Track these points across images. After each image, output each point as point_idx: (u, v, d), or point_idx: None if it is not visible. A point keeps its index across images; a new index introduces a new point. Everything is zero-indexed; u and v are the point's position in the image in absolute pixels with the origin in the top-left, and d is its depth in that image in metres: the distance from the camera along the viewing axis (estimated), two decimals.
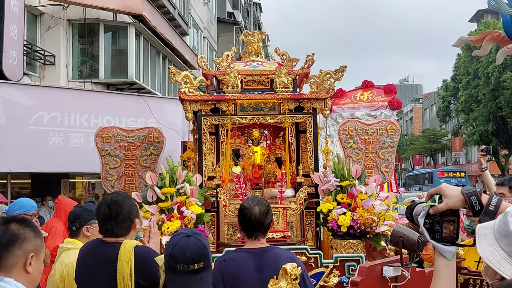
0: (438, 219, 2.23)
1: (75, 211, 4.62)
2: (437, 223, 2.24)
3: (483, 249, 1.91)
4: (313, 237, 6.05)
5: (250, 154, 6.62)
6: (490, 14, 50.89)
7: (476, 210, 2.13)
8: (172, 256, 2.79)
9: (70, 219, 4.53)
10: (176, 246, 2.82)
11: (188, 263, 2.75)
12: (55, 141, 12.06)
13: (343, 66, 6.15)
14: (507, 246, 1.85)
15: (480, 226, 2.01)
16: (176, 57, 21.59)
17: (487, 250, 1.90)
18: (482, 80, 34.95)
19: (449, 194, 2.21)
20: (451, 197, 2.20)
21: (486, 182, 6.09)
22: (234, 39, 34.96)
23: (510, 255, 1.84)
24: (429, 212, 2.25)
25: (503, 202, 2.13)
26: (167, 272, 2.81)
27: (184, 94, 5.90)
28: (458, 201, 2.18)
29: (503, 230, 1.88)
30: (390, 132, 6.43)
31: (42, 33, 15.51)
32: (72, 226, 4.47)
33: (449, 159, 64.48)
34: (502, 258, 1.85)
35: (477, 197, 2.15)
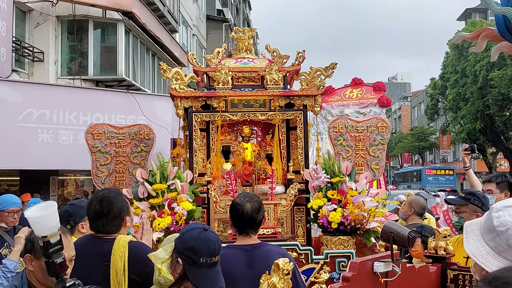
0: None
1: (67, 209, 4.53)
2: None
3: (470, 245, 1.98)
4: (303, 234, 6.07)
5: (240, 151, 6.63)
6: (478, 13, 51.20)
7: None
8: (196, 249, 2.82)
9: (63, 217, 4.42)
10: (199, 240, 2.85)
11: (211, 255, 2.82)
12: (44, 138, 11.98)
13: (333, 63, 6.16)
14: (492, 241, 1.91)
15: (468, 223, 2.08)
16: (166, 54, 21.54)
17: (473, 246, 1.96)
18: (470, 78, 35.14)
19: None
20: None
21: (470, 181, 6.15)
22: (224, 36, 34.93)
23: (494, 250, 1.89)
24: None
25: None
26: (188, 266, 2.81)
27: (175, 90, 5.89)
28: None
29: (488, 226, 1.93)
30: (380, 129, 6.45)
31: (31, 30, 15.41)
32: (66, 224, 4.33)
33: (437, 157, 64.76)
34: (487, 253, 1.90)
35: None
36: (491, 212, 1.96)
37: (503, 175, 5.47)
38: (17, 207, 6.33)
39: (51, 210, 2.78)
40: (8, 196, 6.52)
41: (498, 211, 1.93)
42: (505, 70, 30.75)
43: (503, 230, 1.88)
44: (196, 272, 2.82)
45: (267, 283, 2.95)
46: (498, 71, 31.43)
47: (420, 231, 5.50)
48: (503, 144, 37.11)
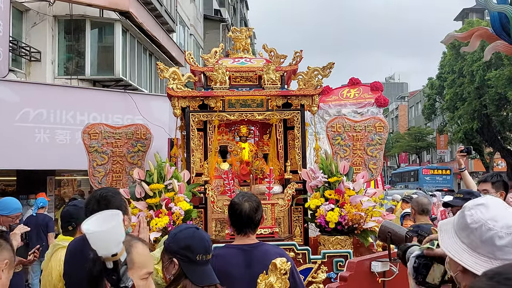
0: (427, 262, 2.30)
1: (69, 210, 4.50)
2: (425, 266, 2.30)
3: (445, 243, 2.08)
4: (301, 233, 6.07)
5: (238, 151, 6.62)
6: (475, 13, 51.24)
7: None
8: (193, 247, 2.85)
9: (65, 218, 4.40)
10: (194, 238, 2.89)
11: (207, 253, 2.87)
12: (41, 138, 11.95)
13: (330, 63, 6.17)
14: (466, 238, 2.01)
15: (441, 222, 2.20)
16: (163, 54, 21.51)
17: (448, 244, 2.07)
18: (467, 78, 35.15)
19: None
20: None
21: (465, 182, 6.15)
22: (221, 36, 34.92)
23: (469, 246, 1.99)
24: (423, 254, 2.32)
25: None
26: (185, 264, 2.82)
27: (172, 90, 5.89)
28: None
29: (462, 224, 2.05)
30: (378, 129, 6.46)
31: (27, 29, 15.37)
32: (68, 225, 4.33)
33: (434, 157, 64.80)
34: (462, 249, 2.01)
35: None
36: (464, 211, 2.07)
37: (498, 175, 5.47)
38: (20, 212, 6.35)
39: (118, 219, 2.16)
40: (12, 201, 6.45)
41: (470, 209, 2.04)
42: (502, 70, 30.76)
43: (476, 227, 1.98)
44: (195, 270, 2.83)
45: (264, 283, 2.95)
46: (495, 71, 31.45)
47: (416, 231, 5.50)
48: (500, 144, 37.14)
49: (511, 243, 1.94)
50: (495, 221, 1.97)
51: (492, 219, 1.97)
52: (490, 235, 1.95)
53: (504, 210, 2.03)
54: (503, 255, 1.94)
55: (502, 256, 1.94)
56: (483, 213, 2.00)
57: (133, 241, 2.37)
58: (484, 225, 1.97)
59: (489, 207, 2.02)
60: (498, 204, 2.06)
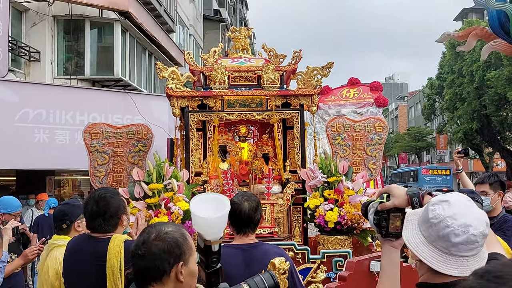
0: (385, 216, 2.42)
1: (62, 209, 4.50)
2: (384, 219, 2.43)
3: (407, 233, 2.21)
4: (300, 233, 6.07)
5: (237, 151, 6.62)
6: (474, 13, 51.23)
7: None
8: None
9: (59, 217, 4.40)
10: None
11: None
12: (40, 138, 11.97)
13: (330, 63, 6.16)
14: (425, 231, 2.14)
15: (409, 212, 2.34)
16: (162, 54, 21.51)
17: (409, 234, 2.20)
18: (467, 78, 35.11)
19: (396, 193, 2.44)
20: (397, 196, 2.42)
21: (462, 183, 6.15)
22: (220, 36, 34.91)
23: (427, 239, 2.12)
24: (377, 209, 2.45)
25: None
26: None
27: (171, 90, 5.88)
28: (403, 200, 2.41)
29: (424, 217, 2.16)
30: (378, 129, 6.45)
31: (27, 29, 15.36)
32: (62, 224, 4.33)
33: (434, 157, 64.79)
34: (421, 242, 2.14)
35: (419, 198, 2.38)
36: (428, 205, 2.18)
37: (494, 175, 5.49)
38: (20, 210, 6.47)
39: (227, 208, 2.65)
40: (12, 199, 6.58)
41: (434, 205, 2.15)
42: (501, 70, 30.73)
43: (436, 222, 2.09)
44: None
45: None
46: (494, 71, 31.41)
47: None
48: (500, 144, 37.11)
49: (466, 241, 2.04)
50: (454, 219, 2.06)
51: (451, 217, 2.07)
52: (447, 232, 2.06)
53: (467, 209, 2.11)
54: (457, 251, 2.06)
55: (456, 252, 2.06)
56: (445, 210, 2.10)
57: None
58: (443, 221, 2.07)
59: (452, 205, 2.11)
60: (462, 202, 2.15)
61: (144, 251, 2.30)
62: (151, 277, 2.31)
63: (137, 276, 2.33)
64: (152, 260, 2.29)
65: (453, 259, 2.07)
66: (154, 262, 2.29)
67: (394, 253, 2.43)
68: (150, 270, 2.30)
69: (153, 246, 2.30)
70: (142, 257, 2.29)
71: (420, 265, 2.19)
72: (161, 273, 2.30)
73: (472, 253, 2.07)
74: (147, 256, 2.29)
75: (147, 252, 2.29)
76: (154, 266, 2.29)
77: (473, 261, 2.08)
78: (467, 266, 2.06)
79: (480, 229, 2.06)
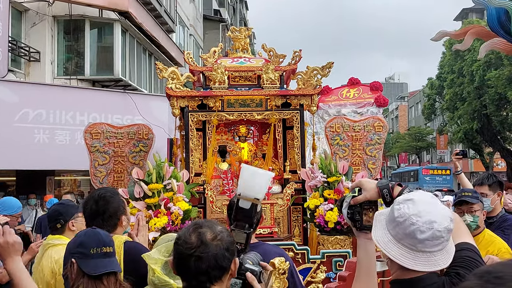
0: (358, 210, 2.49)
1: (56, 209, 4.50)
2: (358, 213, 2.50)
3: (376, 233, 2.27)
4: (300, 233, 6.06)
5: (237, 151, 6.62)
6: (475, 13, 51.21)
7: (387, 202, 2.43)
8: (85, 243, 2.92)
9: (53, 217, 4.39)
10: (86, 235, 2.97)
11: (101, 245, 2.91)
12: (40, 138, 11.97)
13: (330, 63, 6.16)
14: (393, 230, 2.19)
15: (378, 213, 2.37)
16: (162, 54, 21.51)
17: (378, 234, 2.26)
18: (467, 78, 35.10)
19: (367, 187, 2.50)
20: (368, 189, 2.49)
21: (462, 184, 6.16)
22: (220, 36, 34.90)
23: (395, 237, 2.18)
24: (350, 204, 2.51)
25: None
26: (81, 261, 2.88)
27: (171, 90, 5.88)
28: (374, 193, 2.49)
29: (391, 217, 2.22)
30: (377, 129, 6.44)
31: (27, 30, 15.36)
32: (57, 223, 4.32)
33: (434, 157, 64.77)
34: (389, 240, 2.20)
35: (389, 190, 2.45)
36: (394, 204, 2.25)
37: (492, 176, 5.50)
38: (20, 211, 6.51)
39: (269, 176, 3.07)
40: (14, 200, 6.61)
41: (399, 204, 2.21)
42: (502, 70, 30.72)
43: (401, 221, 2.15)
44: (89, 262, 2.87)
45: None
46: (495, 71, 31.40)
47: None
48: (500, 144, 37.09)
49: (432, 237, 2.11)
50: (419, 216, 2.13)
51: (416, 215, 2.13)
52: (413, 229, 2.12)
53: (431, 206, 2.18)
54: (424, 247, 2.12)
55: (423, 248, 2.13)
56: (409, 209, 2.16)
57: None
58: (408, 219, 2.13)
59: (416, 203, 2.17)
60: (426, 200, 2.21)
61: (205, 251, 2.27)
62: (214, 277, 2.29)
63: (196, 278, 2.29)
64: (215, 260, 2.27)
65: (421, 255, 2.14)
66: (217, 262, 2.28)
67: (370, 245, 2.49)
68: (213, 270, 2.28)
69: (212, 246, 2.28)
70: (202, 259, 2.26)
71: (391, 263, 2.25)
72: (223, 271, 2.31)
73: (438, 248, 2.14)
74: (210, 256, 2.27)
75: (210, 253, 2.27)
76: (217, 265, 2.28)
77: (440, 256, 2.15)
78: (435, 261, 2.14)
79: (444, 225, 2.13)
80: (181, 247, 2.31)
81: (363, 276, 2.60)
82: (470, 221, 4.61)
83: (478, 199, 4.72)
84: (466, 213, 4.64)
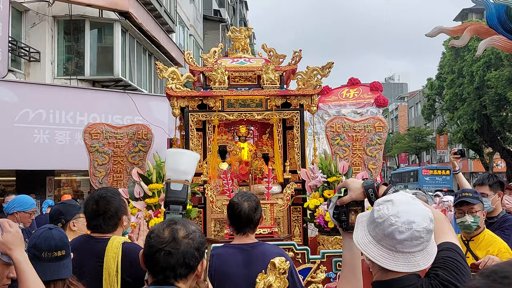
0: (345, 210, 2.53)
1: (58, 208, 4.51)
2: (344, 213, 2.53)
3: (357, 234, 2.28)
4: (300, 233, 6.06)
5: (237, 151, 6.62)
6: (474, 14, 51.22)
7: (372, 202, 2.42)
8: (37, 245, 2.94)
9: (54, 217, 4.41)
10: (40, 237, 2.97)
11: (52, 250, 2.94)
12: (40, 138, 11.98)
13: (330, 63, 6.16)
14: (373, 231, 2.20)
15: (360, 215, 2.38)
16: (162, 54, 21.52)
17: (359, 235, 2.26)
18: (467, 78, 35.11)
19: (353, 187, 2.53)
20: (354, 190, 2.52)
21: (460, 184, 6.17)
22: (220, 37, 34.91)
23: (374, 238, 2.19)
24: (337, 204, 2.54)
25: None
26: (33, 262, 2.88)
27: (171, 90, 5.88)
28: (360, 193, 2.51)
29: (371, 218, 2.23)
30: (378, 129, 6.44)
31: (27, 30, 15.37)
32: (57, 223, 4.33)
33: (434, 157, 64.78)
34: (369, 241, 2.20)
35: (374, 190, 2.48)
36: (374, 206, 2.25)
37: (493, 176, 5.51)
38: (34, 208, 6.53)
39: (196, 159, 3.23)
40: (27, 198, 6.64)
41: (379, 205, 2.22)
42: (501, 70, 30.74)
43: (381, 221, 2.15)
44: (39, 265, 2.87)
45: (263, 282, 2.95)
46: (495, 71, 31.42)
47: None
48: (500, 145, 37.11)
49: (410, 237, 2.10)
50: (398, 217, 2.13)
51: (395, 215, 2.13)
52: (392, 230, 2.12)
53: (410, 206, 2.18)
54: (403, 248, 2.13)
55: (402, 249, 2.13)
56: (389, 209, 2.16)
57: None
58: (387, 220, 2.14)
59: (395, 204, 2.18)
60: (406, 200, 2.21)
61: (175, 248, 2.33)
62: (179, 275, 2.35)
63: (163, 273, 2.34)
64: (183, 258, 2.32)
65: (400, 256, 2.14)
66: (185, 260, 2.33)
67: (355, 246, 2.45)
68: (180, 267, 2.33)
69: (183, 244, 2.34)
70: (171, 254, 2.31)
71: (372, 264, 2.25)
72: (190, 270, 2.36)
73: (418, 249, 2.14)
74: (179, 253, 2.32)
75: (180, 250, 2.32)
76: (185, 263, 2.33)
77: (421, 256, 2.15)
78: (415, 262, 2.14)
79: (423, 225, 2.13)
80: (153, 240, 2.37)
81: (349, 276, 2.61)
82: (471, 222, 4.62)
83: (479, 200, 4.72)
84: (467, 214, 4.64)
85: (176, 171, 3.04)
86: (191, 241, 2.36)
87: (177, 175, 3.01)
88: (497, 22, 5.82)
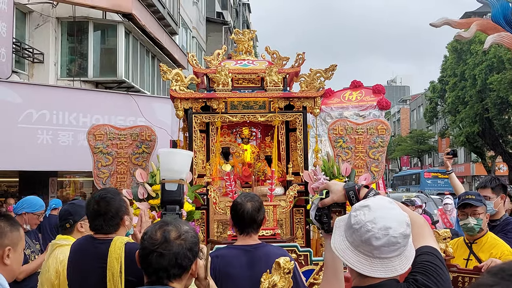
0: (326, 212, 2.53)
1: (66, 208, 4.53)
2: (325, 215, 2.53)
3: (334, 240, 2.27)
4: (302, 235, 6.07)
5: (240, 152, 6.63)
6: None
7: (353, 204, 2.40)
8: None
9: (63, 217, 4.41)
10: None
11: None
12: (43, 139, 11.98)
13: (333, 65, 6.18)
14: (350, 237, 2.19)
15: (338, 219, 2.35)
16: (165, 56, 21.54)
17: (336, 241, 2.25)
18: (469, 82, 35.13)
19: (334, 189, 2.55)
20: (335, 192, 2.53)
21: (453, 184, 6.18)
22: (223, 39, 34.95)
23: (352, 244, 2.18)
24: (318, 206, 2.55)
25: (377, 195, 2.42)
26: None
27: (175, 92, 5.90)
28: (341, 196, 2.52)
29: (348, 223, 2.22)
30: (380, 131, 6.44)
31: (31, 31, 15.41)
32: (66, 223, 4.35)
33: (436, 160, 64.74)
34: (346, 247, 2.20)
35: (355, 192, 2.49)
36: (351, 211, 2.24)
37: (495, 179, 5.51)
38: (43, 210, 6.55)
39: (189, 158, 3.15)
40: (36, 199, 6.66)
41: (356, 210, 2.21)
42: (504, 73, 30.74)
43: (358, 227, 2.15)
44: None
45: (268, 282, 2.97)
46: (497, 74, 31.42)
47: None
48: (502, 148, 37.10)
49: (387, 243, 2.10)
50: (374, 223, 2.12)
51: (371, 221, 2.13)
52: (368, 236, 2.12)
53: (386, 211, 2.17)
54: (380, 254, 2.12)
55: (379, 255, 2.13)
56: (365, 215, 2.15)
57: None
58: (364, 226, 2.13)
59: (372, 209, 2.17)
60: (383, 205, 2.21)
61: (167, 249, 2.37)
62: (173, 275, 2.39)
63: (156, 274, 2.39)
64: (176, 258, 2.37)
65: (377, 262, 2.13)
66: (178, 260, 2.37)
67: None
68: (173, 267, 2.37)
69: (175, 245, 2.38)
70: (163, 255, 2.36)
71: (350, 270, 2.24)
72: (183, 270, 2.40)
73: (395, 254, 2.14)
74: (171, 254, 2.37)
75: (172, 251, 2.37)
76: (178, 264, 2.37)
77: (398, 261, 2.15)
78: (392, 267, 2.14)
79: (400, 230, 2.13)
80: (146, 242, 2.43)
81: (330, 278, 2.62)
82: (474, 224, 4.63)
83: (482, 202, 4.74)
84: (470, 216, 4.65)
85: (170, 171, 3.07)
86: (183, 242, 2.40)
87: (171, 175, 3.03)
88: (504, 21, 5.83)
